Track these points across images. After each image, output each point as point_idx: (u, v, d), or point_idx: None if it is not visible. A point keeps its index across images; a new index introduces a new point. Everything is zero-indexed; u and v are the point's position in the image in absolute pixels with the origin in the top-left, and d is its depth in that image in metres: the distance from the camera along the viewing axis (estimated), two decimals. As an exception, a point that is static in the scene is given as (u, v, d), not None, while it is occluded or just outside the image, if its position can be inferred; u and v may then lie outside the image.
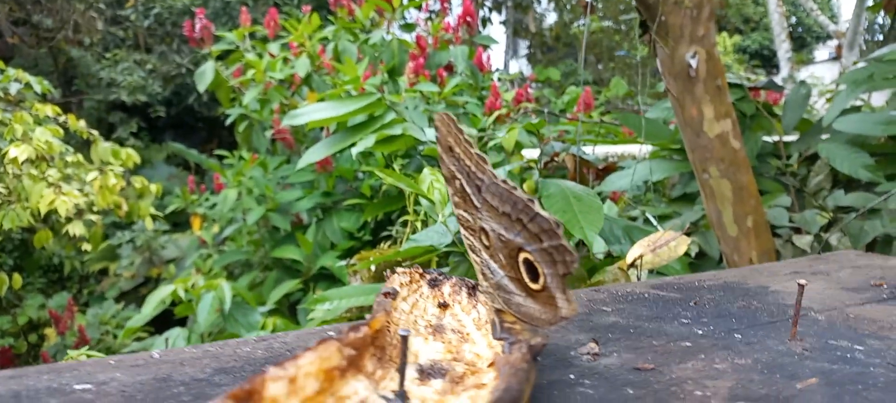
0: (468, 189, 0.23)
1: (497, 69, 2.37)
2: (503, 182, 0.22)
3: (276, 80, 1.84)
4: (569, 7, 6.58)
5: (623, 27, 5.72)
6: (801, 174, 1.03)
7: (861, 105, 1.18)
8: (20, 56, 3.72)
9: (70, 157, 1.39)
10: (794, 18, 7.47)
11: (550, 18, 7.22)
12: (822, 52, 7.67)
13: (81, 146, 1.80)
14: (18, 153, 1.18)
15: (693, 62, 0.82)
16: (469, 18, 1.93)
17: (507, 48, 6.88)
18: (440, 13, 2.13)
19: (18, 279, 1.58)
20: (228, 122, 2.02)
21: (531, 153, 1.22)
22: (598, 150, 1.32)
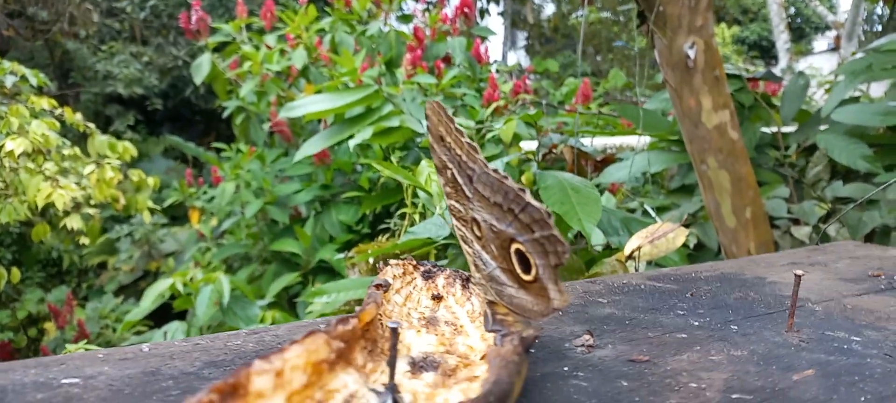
0: (459, 179, 0.23)
1: (495, 61, 2.36)
2: (494, 171, 0.21)
3: (273, 72, 1.83)
4: (567, -2, 6.56)
5: (621, 18, 5.71)
6: (800, 165, 1.03)
7: (860, 95, 1.18)
8: (16, 49, 3.70)
9: (67, 151, 1.38)
10: (793, 9, 7.45)
11: (548, 9, 7.20)
12: (821, 43, 7.66)
13: (78, 139, 1.79)
14: (15, 146, 1.18)
15: (691, 53, 0.82)
16: (467, 9, 1.92)
17: (505, 39, 6.86)
18: (438, 4, 2.12)
19: (17, 273, 1.58)
20: (226, 115, 2.01)
21: (529, 145, 1.22)
22: (597, 142, 1.31)
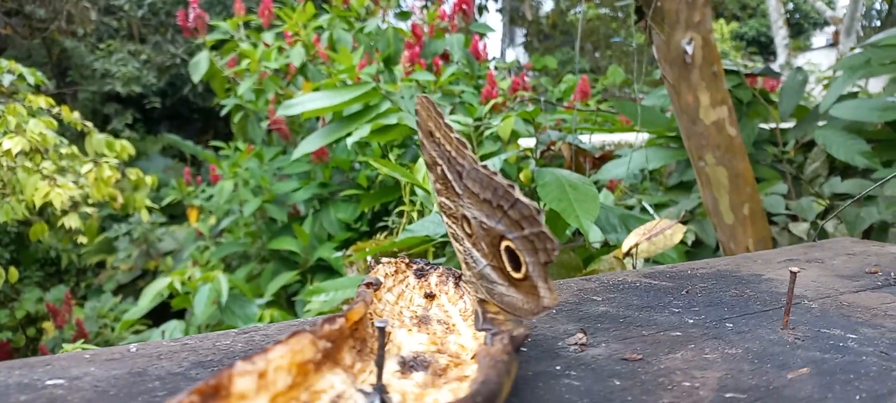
0: (449, 175, 0.23)
1: (493, 57, 2.36)
2: (483, 167, 0.21)
3: (271, 70, 1.83)
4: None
5: (620, 14, 5.70)
6: (798, 161, 1.03)
7: (858, 91, 1.17)
8: (13, 47, 3.69)
9: (64, 149, 1.38)
10: (792, 5, 7.44)
11: (547, 6, 7.18)
12: (820, 39, 7.66)
13: (76, 138, 1.78)
14: (12, 145, 1.17)
15: (689, 48, 0.82)
16: (465, 6, 1.92)
17: (504, 36, 6.85)
18: (436, 1, 2.11)
19: (15, 272, 1.57)
20: (224, 113, 2.01)
21: (527, 142, 1.21)
22: (595, 139, 1.31)
